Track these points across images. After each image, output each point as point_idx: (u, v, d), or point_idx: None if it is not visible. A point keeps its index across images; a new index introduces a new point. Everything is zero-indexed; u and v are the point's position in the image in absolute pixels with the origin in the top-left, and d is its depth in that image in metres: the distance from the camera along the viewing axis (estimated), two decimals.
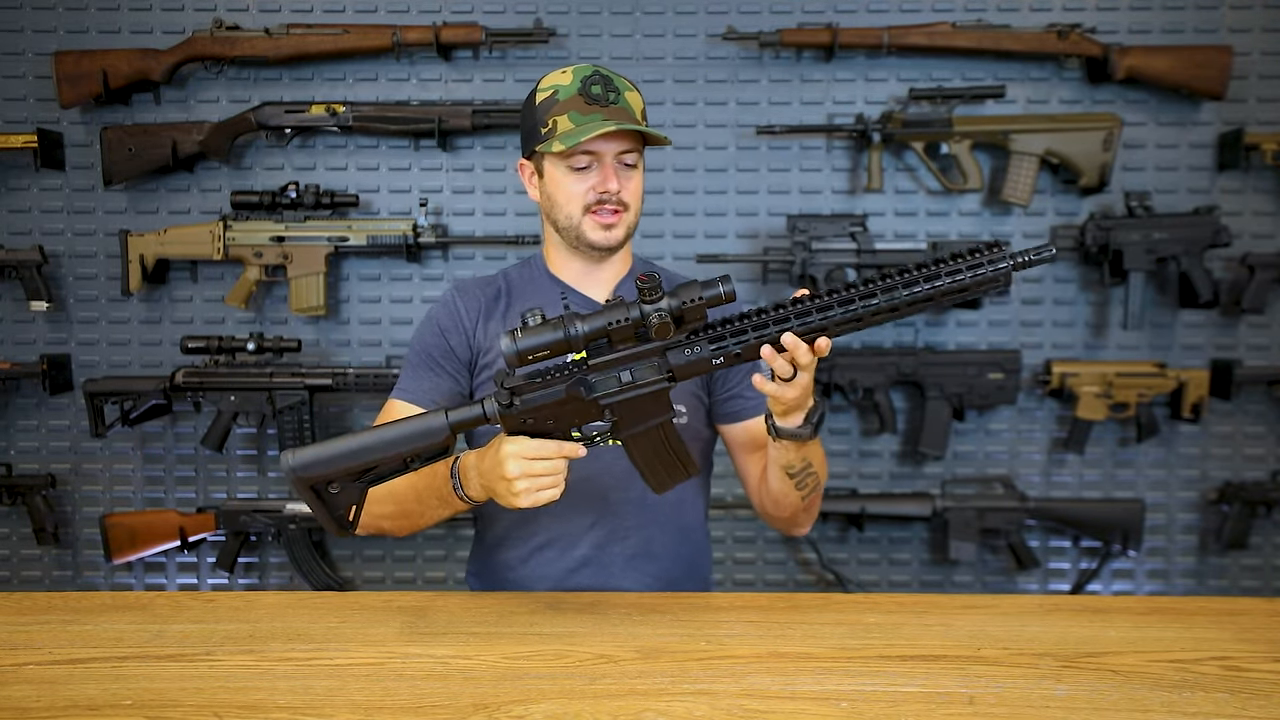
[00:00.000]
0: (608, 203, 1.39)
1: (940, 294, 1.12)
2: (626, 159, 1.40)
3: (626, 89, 1.40)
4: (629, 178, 1.40)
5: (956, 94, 2.34)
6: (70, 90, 2.35)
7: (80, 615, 1.23)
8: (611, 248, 1.43)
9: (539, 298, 1.48)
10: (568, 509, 1.43)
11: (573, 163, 1.38)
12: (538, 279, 1.51)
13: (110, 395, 2.37)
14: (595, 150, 1.37)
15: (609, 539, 1.44)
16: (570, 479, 1.40)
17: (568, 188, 1.40)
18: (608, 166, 1.38)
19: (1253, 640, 1.17)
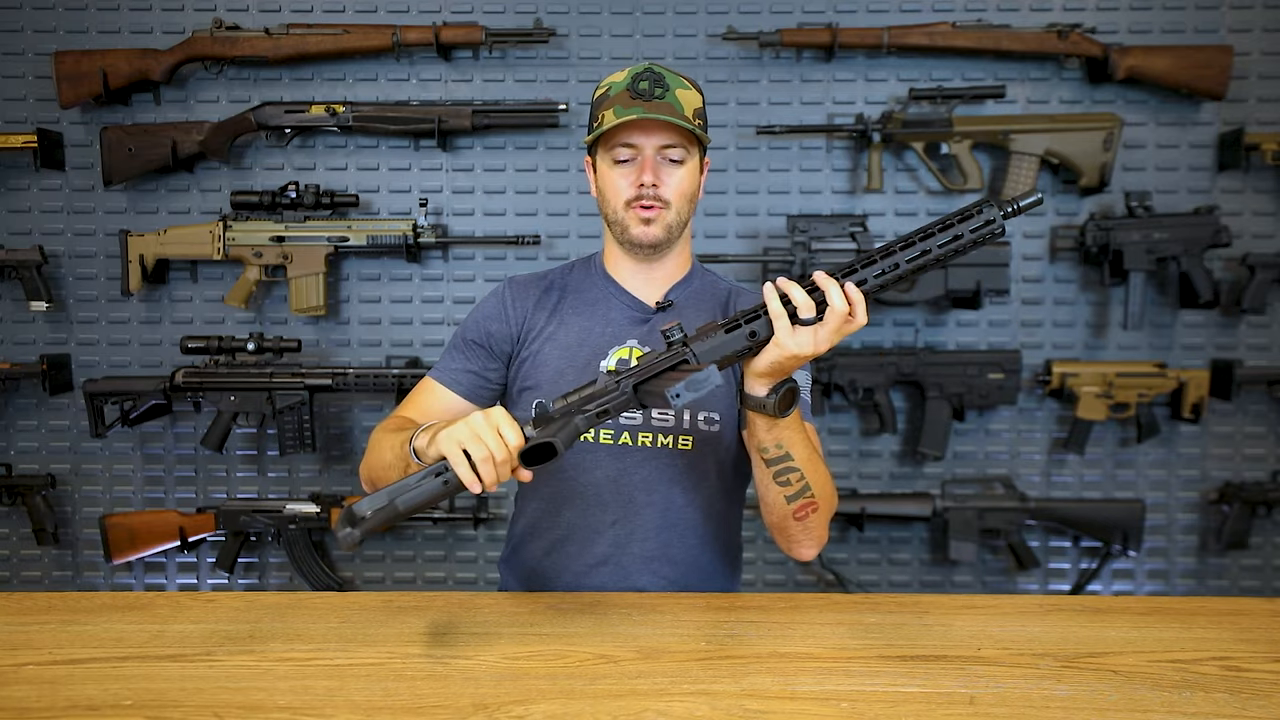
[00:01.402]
0: (643, 197, 1.38)
1: (941, 254, 1.16)
2: (671, 155, 1.39)
3: (680, 86, 1.39)
4: (671, 173, 1.39)
5: (956, 94, 2.34)
6: (70, 90, 2.35)
7: (80, 615, 1.23)
8: (649, 244, 1.42)
9: (591, 293, 1.50)
10: (592, 505, 1.43)
11: (615, 155, 1.40)
12: (593, 275, 1.53)
13: (110, 395, 2.37)
14: (635, 143, 1.38)
15: (629, 539, 1.43)
16: (598, 477, 1.42)
17: (612, 181, 1.41)
18: (646, 160, 1.38)
19: (1253, 640, 1.17)
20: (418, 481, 1.10)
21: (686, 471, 1.44)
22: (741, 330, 1.18)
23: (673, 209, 1.41)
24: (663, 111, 1.35)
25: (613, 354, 1.44)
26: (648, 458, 1.42)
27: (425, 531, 2.53)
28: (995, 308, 2.47)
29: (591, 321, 1.47)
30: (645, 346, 1.45)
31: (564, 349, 1.45)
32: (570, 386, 1.38)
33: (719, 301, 1.52)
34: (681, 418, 1.43)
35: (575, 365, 1.44)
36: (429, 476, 1.10)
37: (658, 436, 1.42)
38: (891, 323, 2.48)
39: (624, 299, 1.49)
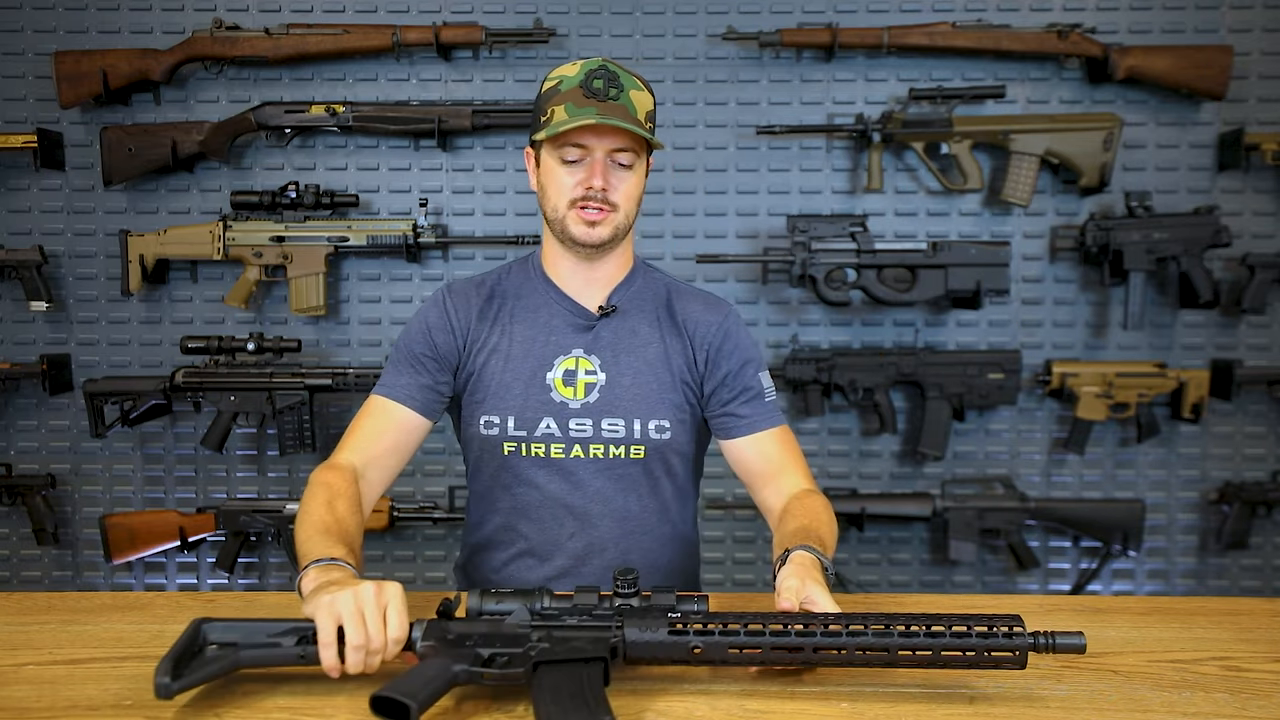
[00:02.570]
0: (593, 199, 1.34)
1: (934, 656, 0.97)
2: (621, 159, 1.35)
3: (634, 87, 1.35)
4: (621, 178, 1.36)
5: (956, 94, 2.34)
6: (70, 90, 2.35)
7: (80, 615, 1.23)
8: (594, 245, 1.37)
9: (532, 299, 1.46)
10: (549, 520, 1.42)
11: (563, 154, 1.35)
12: (532, 280, 1.48)
13: (110, 395, 2.37)
14: (586, 144, 1.34)
15: (587, 551, 1.43)
16: (552, 491, 1.41)
17: (557, 179, 1.36)
18: (597, 163, 1.33)
19: (1253, 640, 1.17)
20: (275, 637, 0.98)
21: (641, 479, 1.43)
22: (686, 640, 0.96)
23: (621, 211, 1.37)
24: (617, 114, 1.31)
25: (559, 364, 1.41)
26: (601, 469, 1.41)
27: (425, 531, 2.53)
28: (995, 308, 2.47)
29: (534, 330, 1.43)
30: (592, 355, 1.42)
31: (508, 361, 1.42)
32: (514, 402, 1.39)
33: (660, 302, 1.48)
34: (632, 427, 1.40)
35: (521, 378, 1.41)
36: (288, 636, 0.97)
37: (609, 448, 1.40)
38: (891, 323, 2.48)
39: (565, 305, 1.44)
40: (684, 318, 1.46)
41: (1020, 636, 0.94)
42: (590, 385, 1.41)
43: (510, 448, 1.40)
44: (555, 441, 1.40)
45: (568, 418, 1.40)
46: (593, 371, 1.41)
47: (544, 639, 0.97)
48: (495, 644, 0.97)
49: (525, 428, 1.40)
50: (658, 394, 1.42)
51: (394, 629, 0.97)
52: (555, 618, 0.98)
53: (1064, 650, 0.95)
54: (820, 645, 0.96)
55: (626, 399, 1.41)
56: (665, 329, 1.45)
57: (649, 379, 1.42)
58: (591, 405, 1.40)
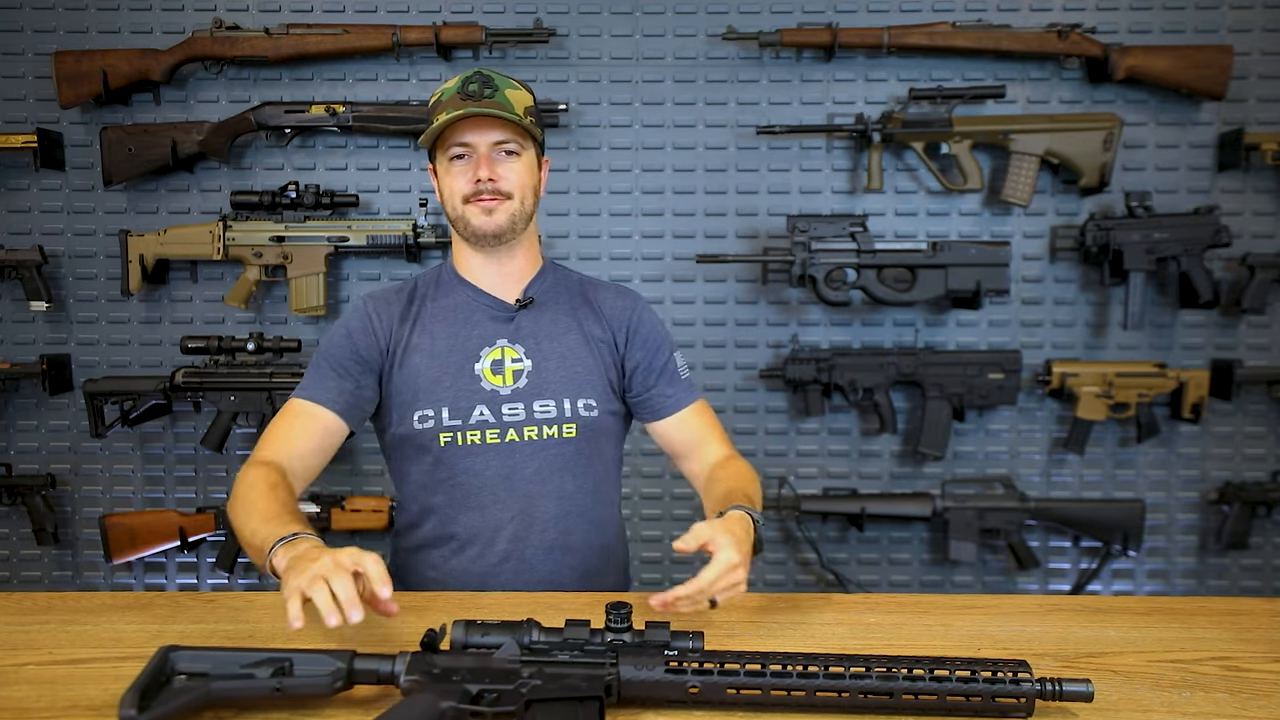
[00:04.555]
0: (483, 191, 1.40)
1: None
2: (506, 147, 1.41)
3: (510, 87, 1.42)
4: (509, 167, 1.42)
5: (956, 94, 2.34)
6: (70, 90, 2.35)
7: (80, 615, 1.23)
8: (493, 234, 1.43)
9: (450, 299, 1.50)
10: (489, 505, 1.44)
11: (450, 154, 1.42)
12: (447, 282, 1.52)
13: (110, 395, 2.37)
14: (468, 142, 1.40)
15: (528, 531, 1.45)
16: (490, 477, 1.44)
17: (449, 180, 1.43)
18: (482, 156, 1.40)
19: (1253, 640, 1.17)
20: (248, 668, 0.93)
21: (574, 458, 1.47)
22: (684, 680, 0.94)
23: (515, 199, 1.43)
24: (492, 109, 1.38)
25: (485, 355, 1.46)
26: (536, 450, 1.45)
27: None
28: (995, 308, 2.47)
29: (456, 327, 1.48)
30: (516, 345, 1.46)
31: (433, 357, 1.45)
32: (445, 394, 1.42)
33: (574, 293, 1.54)
34: (563, 406, 1.45)
35: (449, 371, 1.44)
36: (263, 668, 0.94)
37: (543, 428, 1.45)
38: (891, 323, 2.48)
39: (484, 300, 1.49)
40: (600, 304, 1.54)
41: (1028, 683, 0.93)
42: (518, 372, 1.46)
43: (446, 438, 1.43)
44: (490, 427, 1.44)
45: (500, 404, 1.44)
46: (519, 359, 1.46)
47: (535, 675, 0.94)
48: (484, 679, 0.93)
49: (459, 417, 1.43)
50: (583, 376, 1.48)
51: (371, 569, 1.03)
52: (546, 652, 0.96)
53: (1071, 699, 0.93)
54: (821, 688, 0.94)
55: (554, 381, 1.46)
56: (583, 317, 1.52)
57: (573, 362, 1.48)
58: (521, 390, 1.45)
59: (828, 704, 0.95)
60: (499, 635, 0.96)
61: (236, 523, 1.27)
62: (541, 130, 1.49)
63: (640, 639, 0.97)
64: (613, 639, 0.97)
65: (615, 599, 1.01)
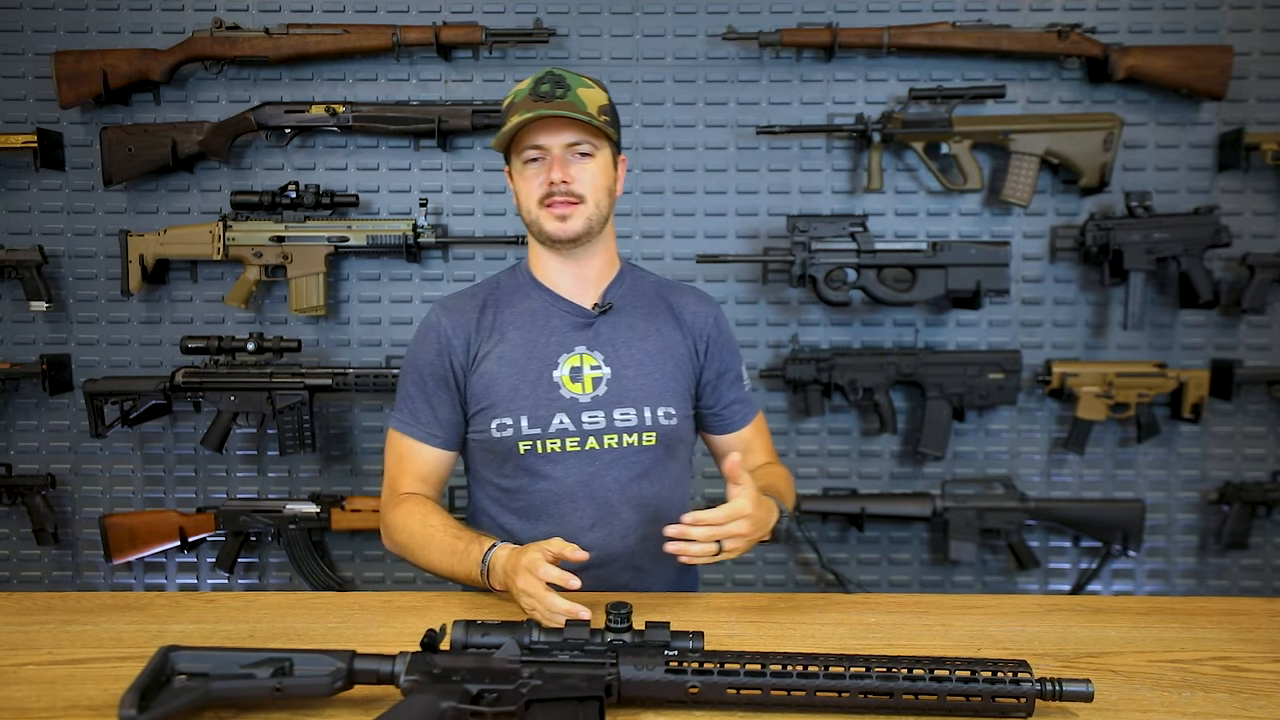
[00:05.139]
0: (557, 194, 1.39)
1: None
2: (579, 149, 1.40)
3: (582, 85, 1.41)
4: (582, 168, 1.40)
5: (956, 94, 2.34)
6: (70, 90, 2.35)
7: (80, 615, 1.23)
8: (567, 239, 1.42)
9: (526, 304, 1.49)
10: (569, 514, 1.44)
11: (524, 157, 1.41)
12: (523, 286, 1.51)
13: (110, 395, 2.37)
14: (541, 144, 1.39)
15: (608, 540, 1.44)
16: (570, 485, 1.43)
17: (524, 183, 1.43)
18: (555, 158, 1.39)
19: (1253, 640, 1.17)
20: (247, 668, 0.93)
21: (653, 466, 1.47)
22: (684, 679, 0.94)
23: (590, 202, 1.41)
24: (565, 109, 1.37)
25: (564, 362, 1.45)
26: (616, 458, 1.44)
27: None
28: (995, 308, 2.47)
29: (533, 333, 1.47)
30: (595, 352, 1.46)
31: (512, 365, 1.45)
32: (524, 403, 1.43)
33: (652, 298, 1.53)
34: (643, 414, 1.45)
35: (528, 379, 1.44)
36: (262, 668, 0.94)
37: (623, 436, 1.44)
38: (891, 323, 2.48)
39: (561, 305, 1.48)
40: (679, 310, 1.53)
41: (1028, 683, 0.93)
42: (597, 379, 1.45)
43: (526, 446, 1.43)
44: (570, 436, 1.43)
45: (579, 411, 1.43)
46: (597, 366, 1.45)
47: (535, 675, 0.94)
48: (484, 679, 0.94)
49: (539, 425, 1.42)
50: (662, 383, 1.47)
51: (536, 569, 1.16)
52: (546, 653, 0.96)
53: (1071, 699, 0.93)
54: (821, 687, 0.94)
55: (634, 389, 1.45)
56: (662, 322, 1.51)
57: (652, 369, 1.47)
58: (601, 398, 1.44)
59: (828, 704, 0.95)
60: (499, 635, 0.96)
61: (420, 558, 1.40)
62: (617, 129, 1.47)
63: (640, 639, 0.97)
64: (613, 639, 0.97)
65: (615, 599, 1.01)
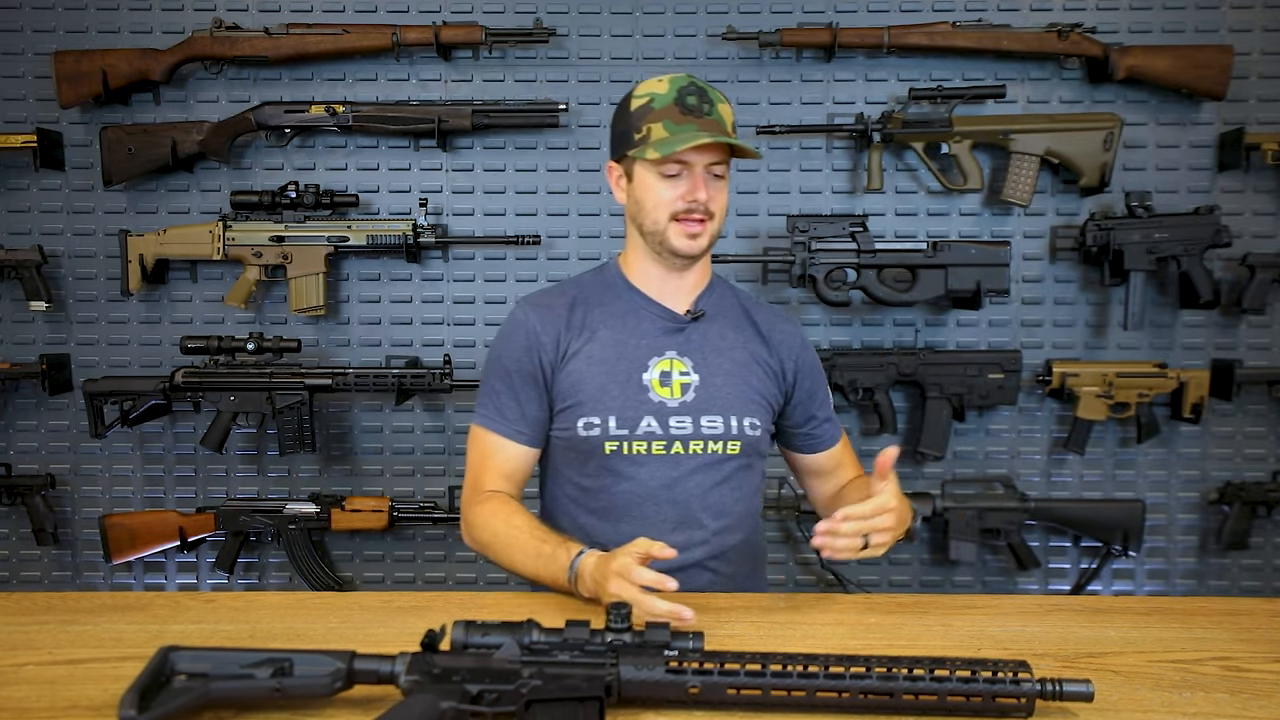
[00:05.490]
0: (695, 212, 1.40)
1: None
2: (716, 170, 1.42)
3: (719, 101, 1.42)
4: (717, 189, 1.42)
5: (956, 94, 2.34)
6: (70, 90, 2.35)
7: (80, 615, 1.23)
8: (694, 256, 1.44)
9: (617, 305, 1.50)
10: (651, 516, 1.44)
11: (664, 170, 1.40)
12: (614, 286, 1.52)
13: (110, 395, 2.37)
14: (687, 160, 1.39)
15: (688, 544, 1.43)
16: (653, 487, 1.44)
17: (657, 194, 1.42)
18: (698, 176, 1.40)
19: (1253, 640, 1.17)
20: (247, 668, 0.93)
21: (734, 474, 1.47)
22: (684, 679, 0.94)
23: (716, 221, 1.44)
24: (714, 129, 1.38)
25: (654, 365, 1.46)
26: (701, 465, 1.45)
27: (425, 532, 2.53)
28: (995, 308, 2.47)
29: (624, 334, 1.47)
30: (685, 357, 1.47)
31: (601, 364, 1.45)
32: (613, 403, 1.43)
33: (738, 311, 1.55)
34: (729, 424, 1.46)
35: (617, 380, 1.45)
36: (262, 668, 0.93)
37: (709, 444, 1.45)
38: (891, 323, 2.48)
39: (653, 309, 1.49)
40: (767, 328, 1.55)
41: (1028, 683, 0.93)
42: (686, 385, 1.46)
43: (612, 446, 1.44)
44: (657, 439, 1.44)
45: (667, 416, 1.44)
46: (686, 372, 1.47)
47: (535, 675, 0.93)
48: (484, 680, 0.93)
49: (626, 426, 1.43)
50: (748, 394, 1.49)
51: (628, 574, 1.15)
52: (546, 653, 0.95)
53: (1071, 699, 0.93)
54: (821, 687, 0.94)
55: (721, 397, 1.46)
56: (749, 336, 1.53)
57: (738, 380, 1.48)
58: (689, 404, 1.45)
59: (828, 704, 0.95)
60: (499, 635, 0.96)
61: (503, 558, 1.40)
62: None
63: (640, 639, 0.97)
64: (613, 639, 0.97)
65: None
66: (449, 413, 2.51)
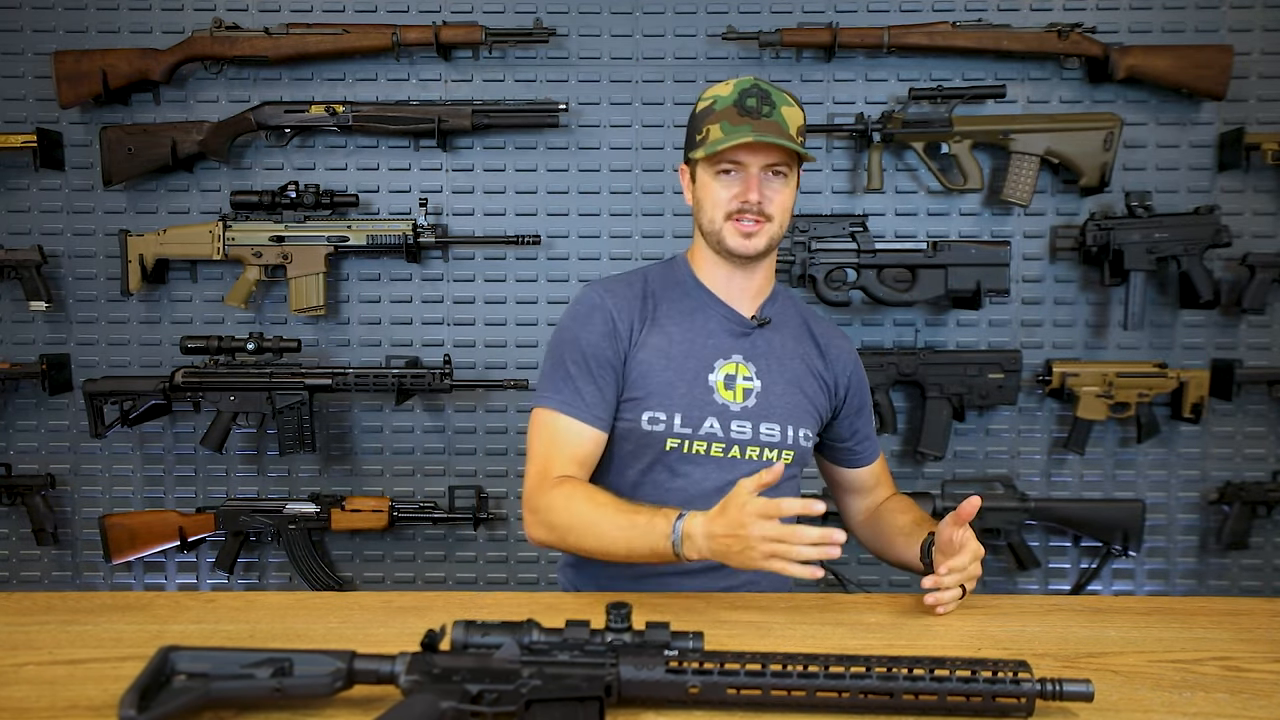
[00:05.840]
0: (748, 212, 1.41)
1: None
2: (778, 169, 1.42)
3: (785, 104, 1.42)
4: (776, 190, 1.42)
5: (957, 94, 2.34)
6: (70, 90, 2.35)
7: (80, 615, 1.23)
8: (749, 256, 1.45)
9: (686, 302, 1.50)
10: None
11: (719, 169, 1.42)
12: (684, 283, 1.52)
13: (110, 395, 2.37)
14: (741, 160, 1.40)
15: None
16: (707, 488, 1.42)
17: (713, 194, 1.44)
18: (752, 177, 1.41)
19: (1253, 640, 1.17)
20: (248, 668, 0.93)
21: (784, 483, 1.46)
22: (684, 679, 0.94)
23: (775, 222, 1.44)
24: (770, 131, 1.38)
25: (720, 367, 1.47)
26: (754, 470, 1.41)
27: (425, 531, 2.53)
28: (995, 308, 2.46)
29: (692, 333, 1.48)
30: (750, 363, 1.48)
31: (669, 360, 1.46)
32: (679, 400, 1.43)
33: (799, 321, 1.56)
34: (786, 433, 1.47)
35: (685, 378, 1.45)
36: (263, 668, 0.93)
37: (764, 451, 1.46)
38: (891, 323, 2.48)
39: (721, 310, 1.50)
40: (825, 342, 1.56)
41: (1028, 683, 0.93)
42: (748, 390, 1.47)
43: (673, 444, 1.44)
44: (717, 441, 1.44)
45: (729, 419, 1.45)
46: (750, 378, 1.48)
47: (535, 675, 0.93)
48: (484, 680, 0.93)
49: (690, 425, 1.44)
50: (804, 405, 1.50)
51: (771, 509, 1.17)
52: (546, 652, 0.95)
53: (1071, 698, 0.93)
54: (821, 687, 0.94)
55: (780, 406, 1.48)
56: (808, 347, 1.54)
57: (796, 390, 1.50)
58: (750, 409, 1.46)
59: (828, 704, 0.95)
60: (499, 635, 0.96)
61: (589, 538, 1.34)
62: (807, 149, 1.45)
63: (640, 639, 0.97)
64: (613, 639, 0.97)
65: (615, 599, 1.01)
66: (449, 413, 2.51)
